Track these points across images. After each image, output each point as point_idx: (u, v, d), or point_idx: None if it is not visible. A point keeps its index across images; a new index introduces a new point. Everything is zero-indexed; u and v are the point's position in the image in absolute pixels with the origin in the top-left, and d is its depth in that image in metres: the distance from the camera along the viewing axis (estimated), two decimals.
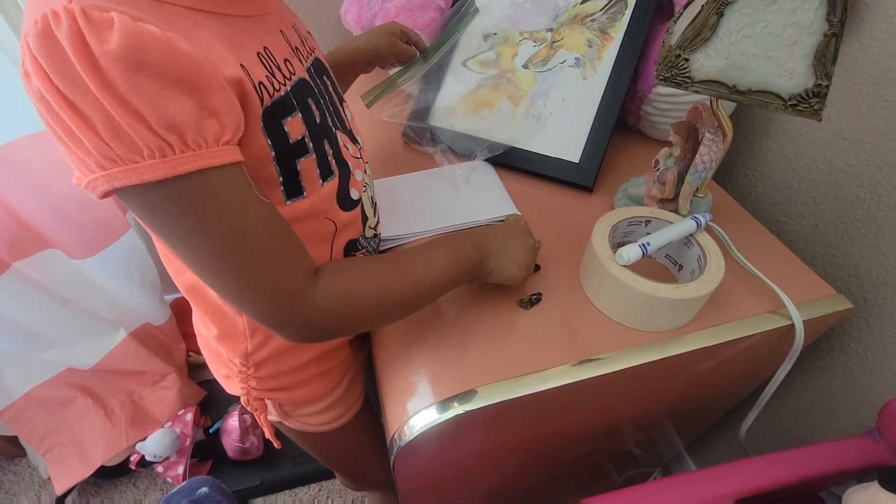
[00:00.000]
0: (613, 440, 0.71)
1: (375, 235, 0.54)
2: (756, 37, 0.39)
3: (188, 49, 0.28)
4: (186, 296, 0.48)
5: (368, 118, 0.74)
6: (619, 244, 0.52)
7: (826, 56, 0.38)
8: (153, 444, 1.06)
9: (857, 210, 0.59)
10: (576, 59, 0.69)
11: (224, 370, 0.54)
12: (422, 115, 0.75)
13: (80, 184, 0.30)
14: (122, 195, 0.30)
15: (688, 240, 0.52)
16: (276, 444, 0.59)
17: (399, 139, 0.78)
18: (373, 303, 0.41)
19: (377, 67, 0.70)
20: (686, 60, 0.42)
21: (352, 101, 0.55)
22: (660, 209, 0.56)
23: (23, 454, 1.21)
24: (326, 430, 0.62)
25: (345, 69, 0.64)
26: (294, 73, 0.39)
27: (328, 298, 0.38)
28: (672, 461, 1.03)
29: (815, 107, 0.40)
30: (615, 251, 0.49)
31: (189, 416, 1.13)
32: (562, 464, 0.74)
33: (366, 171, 0.50)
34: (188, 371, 1.26)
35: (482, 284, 0.55)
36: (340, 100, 0.49)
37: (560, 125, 0.69)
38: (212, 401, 1.24)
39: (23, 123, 0.83)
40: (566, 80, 0.69)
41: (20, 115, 0.83)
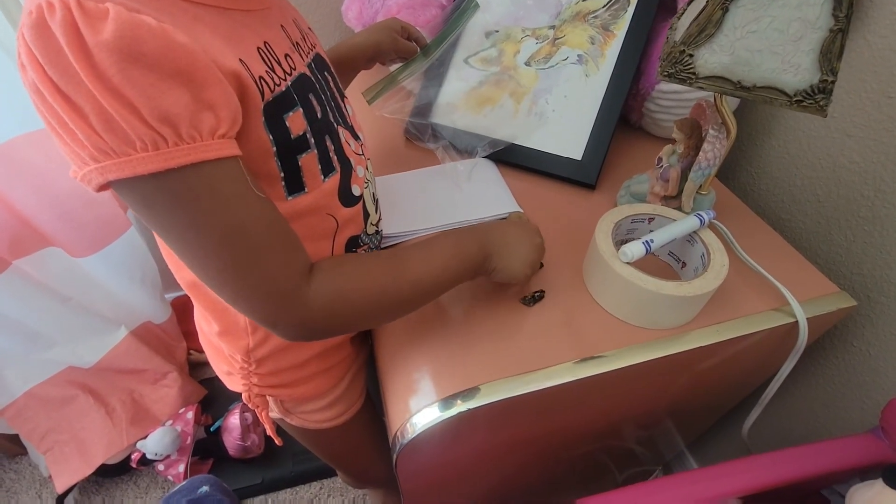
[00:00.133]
0: (615, 438, 0.71)
1: (377, 232, 0.54)
2: (761, 32, 0.39)
3: (184, 41, 0.28)
4: (188, 292, 0.48)
5: (370, 115, 0.74)
6: (622, 241, 0.52)
7: (832, 52, 0.37)
8: (154, 443, 1.06)
9: (861, 207, 0.59)
10: (578, 57, 0.69)
11: (226, 367, 0.54)
12: (423, 112, 0.74)
13: (76, 177, 0.30)
14: (117, 188, 0.30)
15: (691, 237, 0.52)
16: (278, 441, 0.59)
17: (401, 136, 0.77)
18: (369, 300, 0.41)
19: (378, 64, 0.70)
20: (690, 56, 0.42)
21: (353, 98, 0.55)
22: (663, 206, 0.55)
23: (24, 452, 1.21)
24: (328, 428, 0.62)
25: (346, 66, 0.64)
26: (295, 69, 0.39)
27: (323, 296, 0.37)
28: (674, 460, 1.03)
29: (821, 103, 0.39)
30: (618, 248, 0.49)
31: (190, 415, 1.13)
32: (563, 462, 0.74)
33: (367, 168, 0.50)
34: (189, 369, 1.26)
35: (484, 281, 0.55)
36: (342, 96, 0.49)
37: (562, 122, 0.68)
38: (213, 399, 1.24)
39: (23, 121, 0.83)
40: (568, 78, 0.69)
41: (20, 113, 0.83)
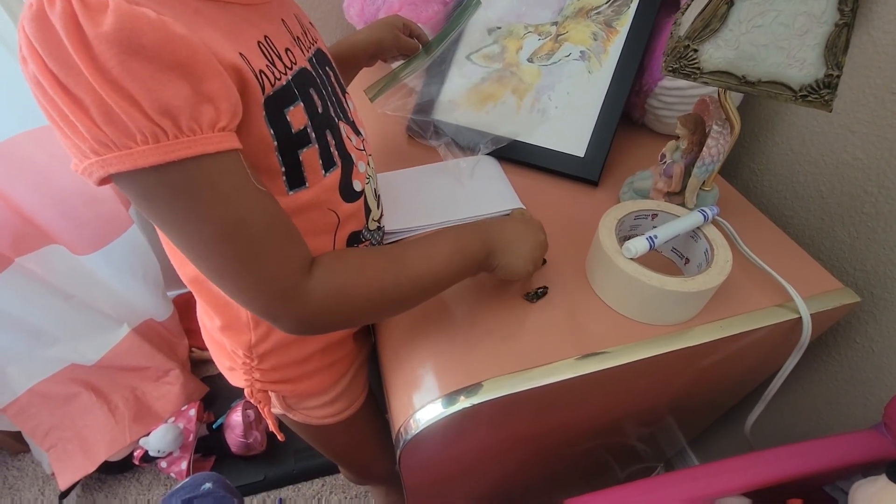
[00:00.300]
0: (617, 435, 0.71)
1: (379, 228, 0.54)
2: (767, 27, 0.39)
3: (183, 33, 0.28)
4: (190, 287, 0.48)
5: (371, 112, 0.74)
6: (626, 238, 0.52)
7: (837, 46, 0.37)
8: (157, 440, 1.06)
9: (865, 204, 0.59)
10: (581, 53, 0.69)
11: (228, 362, 0.54)
12: (425, 109, 0.74)
13: (77, 170, 0.30)
14: (118, 181, 0.30)
15: (695, 233, 0.52)
16: (280, 437, 0.59)
17: (403, 133, 0.77)
18: (370, 296, 0.40)
19: (380, 61, 0.70)
20: (695, 51, 0.42)
21: (355, 95, 0.55)
22: (666, 202, 0.55)
23: (26, 450, 1.21)
24: (330, 423, 0.62)
25: (347, 62, 0.64)
26: (295, 63, 0.39)
27: (324, 291, 0.37)
28: (675, 456, 1.03)
29: (826, 98, 0.39)
30: (621, 244, 0.49)
31: (192, 412, 1.13)
32: (566, 458, 0.74)
33: (368, 163, 0.50)
34: (191, 367, 1.26)
35: (487, 277, 0.55)
36: (343, 91, 0.49)
37: (565, 119, 0.68)
38: (215, 396, 1.24)
39: (25, 119, 0.83)
40: (571, 74, 0.69)
41: (22, 111, 0.83)
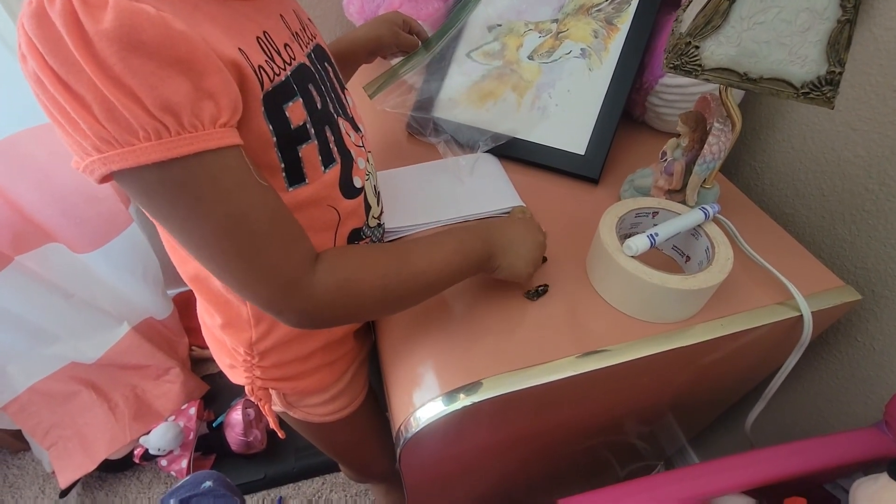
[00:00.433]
0: (618, 433, 0.71)
1: (379, 225, 0.54)
2: (768, 23, 0.39)
3: (183, 29, 0.28)
4: (191, 285, 0.47)
5: (371, 109, 0.74)
6: (626, 235, 0.52)
7: (840, 42, 0.37)
8: (157, 438, 1.06)
9: (866, 201, 0.59)
10: (581, 50, 0.69)
11: (228, 360, 0.54)
12: (425, 106, 0.74)
13: (79, 167, 0.30)
14: (120, 179, 0.30)
15: (696, 231, 0.52)
16: (281, 434, 0.59)
17: (402, 130, 0.77)
18: (372, 292, 0.41)
19: (379, 58, 0.69)
20: (696, 48, 0.42)
21: (354, 91, 0.55)
22: (667, 200, 0.55)
23: (27, 448, 1.21)
24: (331, 421, 0.62)
25: (347, 59, 0.64)
26: (294, 59, 0.39)
27: (326, 286, 0.38)
28: (675, 455, 1.03)
29: (828, 94, 0.39)
30: (622, 242, 0.48)
31: (192, 410, 1.13)
32: (566, 456, 0.74)
33: (368, 160, 0.49)
34: (191, 365, 1.26)
35: (486, 275, 0.55)
36: (342, 87, 0.49)
37: (565, 117, 0.68)
38: (215, 395, 1.24)
39: (25, 117, 0.83)
40: (572, 72, 0.69)
41: (22, 109, 0.82)
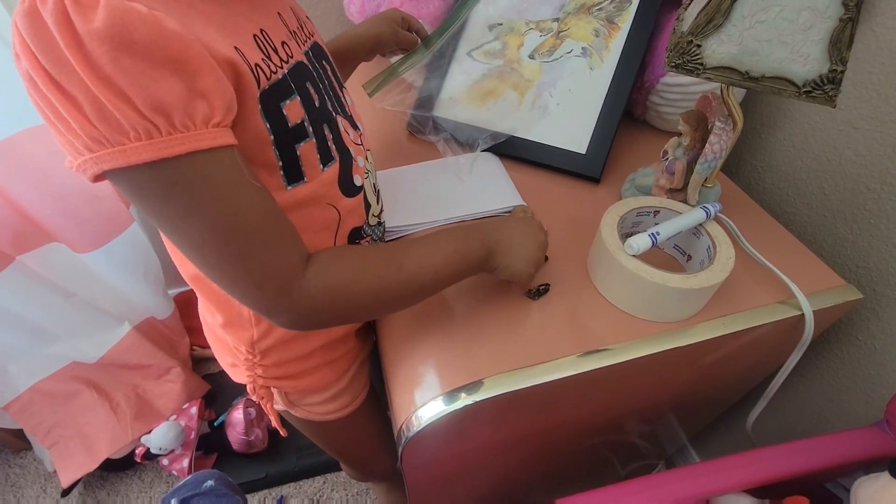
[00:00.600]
0: (619, 432, 0.71)
1: (380, 223, 0.54)
2: (770, 22, 0.39)
3: (175, 28, 0.27)
4: (191, 284, 0.47)
5: (371, 108, 0.74)
6: (628, 234, 0.52)
7: (842, 41, 0.37)
8: (158, 437, 1.06)
9: (867, 200, 0.58)
10: (582, 49, 0.68)
11: (230, 358, 0.54)
12: (425, 104, 0.74)
13: (72, 167, 0.30)
14: (112, 178, 0.30)
15: (697, 230, 0.52)
16: (283, 433, 0.59)
17: (403, 129, 0.77)
18: (366, 293, 0.41)
19: (379, 56, 0.69)
20: (698, 47, 0.41)
21: (353, 90, 0.55)
22: (668, 199, 0.55)
23: (28, 447, 1.21)
24: (332, 420, 0.62)
25: (346, 57, 0.63)
26: (291, 56, 0.39)
27: (318, 288, 0.37)
28: (676, 454, 1.03)
29: (830, 93, 0.39)
30: (623, 241, 0.48)
31: (194, 410, 1.13)
32: (567, 455, 0.74)
33: (367, 158, 0.49)
34: (192, 365, 1.26)
35: (489, 276, 0.55)
36: (340, 85, 0.48)
37: (567, 116, 0.68)
38: (216, 394, 1.24)
39: (25, 116, 0.83)
40: (573, 71, 0.69)
41: (22, 109, 0.82)
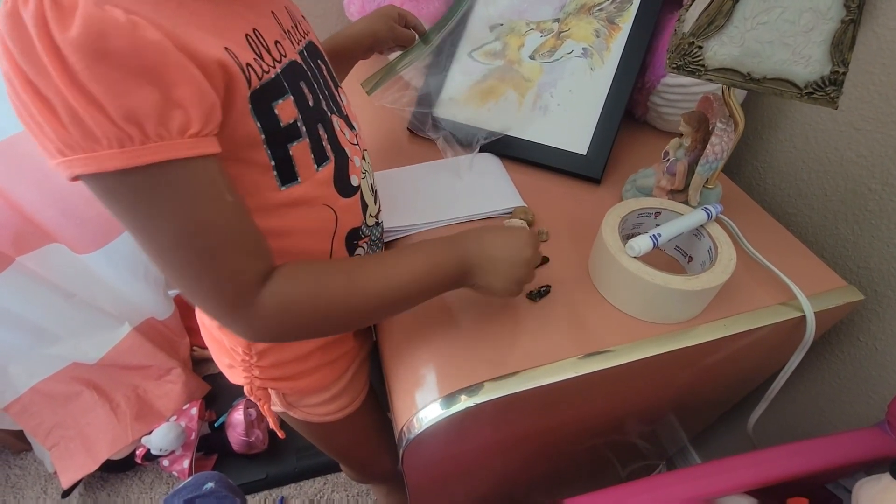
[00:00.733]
0: (620, 433, 0.71)
1: (377, 224, 0.53)
2: (772, 23, 0.39)
3: (154, 37, 0.27)
4: None
5: (371, 108, 0.74)
6: (629, 236, 0.52)
7: (843, 42, 0.37)
8: (159, 438, 1.06)
9: (869, 201, 0.58)
10: (583, 50, 0.68)
11: (227, 360, 0.54)
12: (425, 102, 0.73)
13: (52, 166, 0.30)
14: (84, 180, 0.30)
15: (698, 231, 0.52)
16: (280, 434, 0.59)
17: (402, 129, 0.77)
18: (324, 311, 0.39)
19: (377, 53, 0.68)
20: (699, 48, 0.41)
21: (350, 89, 0.54)
22: (670, 200, 0.55)
23: (29, 448, 1.21)
24: (331, 421, 0.62)
25: (343, 55, 0.63)
26: (285, 56, 0.39)
27: (273, 305, 0.36)
28: (677, 454, 1.03)
29: (832, 95, 0.39)
30: (625, 242, 0.48)
31: (194, 410, 1.13)
32: (568, 456, 0.74)
33: (364, 157, 0.49)
34: (193, 365, 1.26)
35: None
36: (336, 84, 0.48)
37: (567, 116, 0.68)
38: (216, 395, 1.24)
39: None
40: (573, 71, 0.68)
41: None
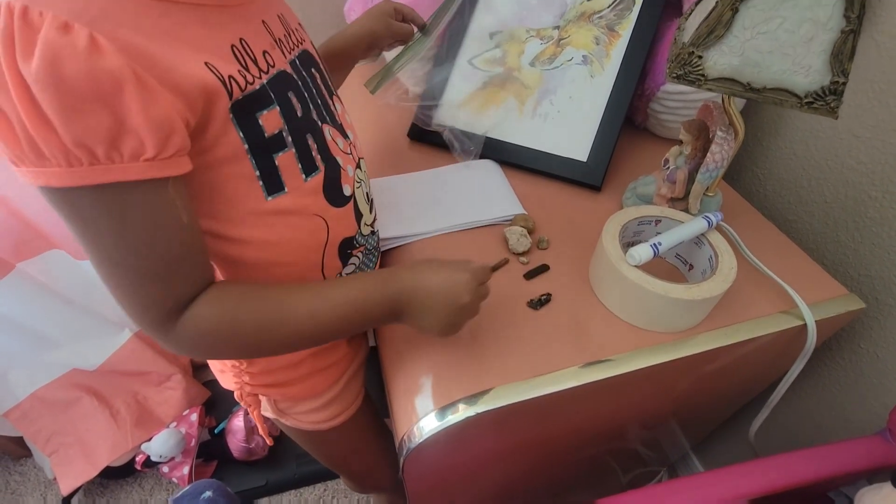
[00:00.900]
0: (621, 440, 0.71)
1: (373, 233, 0.53)
2: (771, 33, 0.39)
3: (112, 65, 0.28)
4: None
5: (370, 114, 0.74)
6: (629, 244, 0.52)
7: (843, 53, 0.37)
8: (159, 445, 1.06)
9: (869, 208, 0.58)
10: (583, 57, 0.69)
11: (219, 364, 0.54)
12: (429, 96, 0.73)
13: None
14: (36, 187, 0.30)
15: (699, 239, 0.52)
16: (269, 441, 0.59)
17: (402, 136, 0.77)
18: (243, 340, 0.39)
19: (379, 51, 0.67)
20: (699, 58, 0.41)
21: (353, 95, 0.54)
22: (670, 208, 0.55)
23: (28, 455, 1.21)
24: (323, 429, 0.61)
25: (341, 57, 0.63)
26: (273, 66, 0.39)
27: (194, 329, 0.37)
28: (678, 461, 1.02)
29: (832, 104, 0.39)
30: (625, 251, 0.48)
31: (194, 417, 1.13)
32: (569, 464, 0.74)
33: (359, 166, 0.49)
34: (192, 371, 1.26)
35: (490, 285, 0.54)
36: (330, 93, 0.48)
37: (567, 123, 0.68)
38: (216, 401, 1.24)
39: None
40: (573, 78, 0.69)
41: None
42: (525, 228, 0.58)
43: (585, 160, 0.66)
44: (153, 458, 1.07)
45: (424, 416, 0.45)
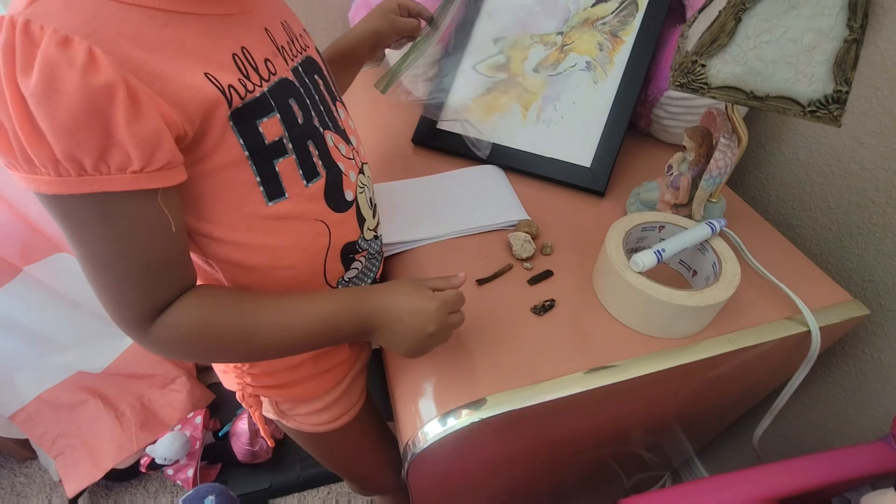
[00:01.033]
0: (624, 446, 0.71)
1: (376, 237, 0.53)
2: (775, 42, 0.39)
3: (104, 81, 0.28)
4: None
5: (375, 118, 0.74)
6: (633, 250, 0.52)
7: (846, 62, 0.37)
8: (163, 447, 1.06)
9: (873, 214, 0.58)
10: (587, 63, 0.69)
11: (222, 366, 0.55)
12: (439, 90, 0.73)
13: None
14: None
15: (702, 245, 0.52)
16: (270, 443, 0.60)
17: (407, 141, 0.77)
18: (214, 347, 0.40)
19: (384, 50, 0.67)
20: (703, 66, 0.42)
21: (357, 99, 0.54)
22: (673, 214, 0.55)
23: (34, 457, 1.22)
24: (325, 431, 0.61)
25: (346, 59, 0.63)
26: (275, 74, 0.39)
27: (163, 335, 0.38)
28: (682, 466, 1.02)
29: (835, 113, 0.39)
30: (629, 257, 0.49)
31: (199, 419, 1.13)
32: (572, 468, 0.74)
33: (362, 171, 0.49)
34: (197, 374, 1.26)
35: (493, 290, 0.55)
36: (333, 99, 0.48)
37: (571, 129, 0.68)
38: (221, 404, 1.24)
39: None
40: (577, 84, 0.69)
41: None
42: (529, 234, 0.59)
43: (589, 166, 0.67)
44: (158, 461, 1.07)
45: (429, 422, 0.45)
